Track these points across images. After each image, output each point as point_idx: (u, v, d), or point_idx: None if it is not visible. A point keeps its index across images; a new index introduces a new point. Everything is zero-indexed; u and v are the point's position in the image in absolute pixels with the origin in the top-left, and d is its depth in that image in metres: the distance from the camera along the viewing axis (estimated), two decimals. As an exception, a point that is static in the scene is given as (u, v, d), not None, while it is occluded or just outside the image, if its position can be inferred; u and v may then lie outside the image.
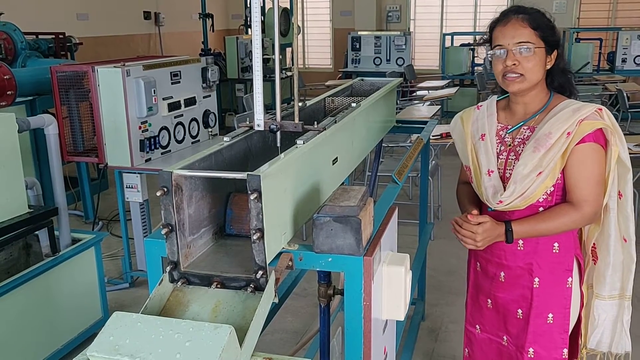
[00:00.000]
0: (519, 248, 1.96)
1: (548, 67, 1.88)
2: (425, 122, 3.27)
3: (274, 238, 1.35)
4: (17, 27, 5.86)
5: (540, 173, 1.82)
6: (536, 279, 1.95)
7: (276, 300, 1.37)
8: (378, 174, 3.46)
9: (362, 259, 1.39)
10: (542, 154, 1.81)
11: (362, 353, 1.45)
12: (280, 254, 1.43)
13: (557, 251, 1.94)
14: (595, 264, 2.04)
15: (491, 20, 1.93)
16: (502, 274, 2.02)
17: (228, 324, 1.14)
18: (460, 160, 2.12)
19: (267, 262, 1.30)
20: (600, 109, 1.84)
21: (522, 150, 1.89)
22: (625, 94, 7.26)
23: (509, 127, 1.97)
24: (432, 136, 4.40)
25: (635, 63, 9.37)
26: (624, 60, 9.41)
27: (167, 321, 1.17)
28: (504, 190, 1.89)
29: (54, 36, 6.64)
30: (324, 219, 1.38)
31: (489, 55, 1.91)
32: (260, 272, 1.29)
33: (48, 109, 4.85)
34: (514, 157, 1.92)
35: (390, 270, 1.57)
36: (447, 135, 5.00)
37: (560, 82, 1.95)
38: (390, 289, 1.57)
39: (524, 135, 1.93)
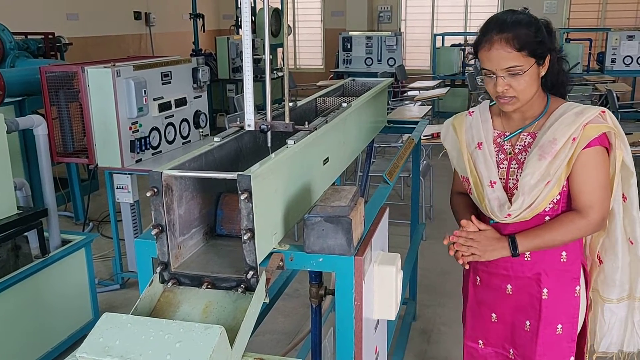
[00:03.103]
0: (526, 259, 1.89)
1: (543, 73, 1.80)
2: (416, 122, 3.28)
3: (264, 238, 1.34)
4: (5, 27, 5.82)
5: (548, 182, 1.75)
6: (545, 290, 1.89)
7: (267, 301, 1.37)
8: (369, 174, 3.46)
9: (353, 258, 1.39)
10: (548, 162, 1.74)
11: (354, 352, 1.45)
12: (271, 254, 1.42)
13: (565, 260, 1.88)
14: (599, 266, 1.99)
15: (474, 39, 1.81)
16: (509, 286, 1.94)
17: (219, 324, 1.14)
18: (451, 164, 2.06)
19: (258, 263, 1.30)
20: (604, 111, 1.78)
21: (524, 158, 1.82)
22: (615, 94, 7.29)
23: (507, 133, 1.89)
24: (424, 136, 4.41)
25: (624, 63, 9.42)
26: (613, 61, 9.46)
27: (157, 322, 1.16)
28: (509, 201, 1.81)
29: (43, 36, 6.60)
30: (315, 219, 1.38)
31: (478, 79, 1.85)
32: (251, 273, 1.29)
33: (37, 109, 4.82)
34: (516, 165, 1.85)
35: (381, 270, 1.57)
36: (439, 135, 5.00)
37: (553, 82, 1.87)
38: (381, 288, 1.57)
39: (525, 142, 1.86)
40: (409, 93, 8.79)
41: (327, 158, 1.85)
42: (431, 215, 5.44)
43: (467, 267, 1.96)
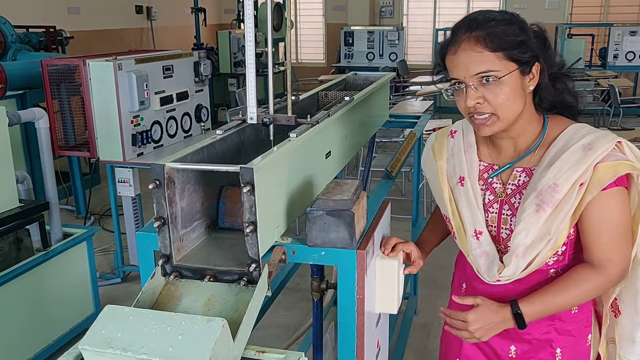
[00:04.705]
0: None
1: (531, 87, 1.41)
2: (418, 117, 3.28)
3: (267, 231, 1.34)
4: (7, 20, 5.81)
5: (549, 240, 1.40)
6: (558, 350, 1.54)
7: (269, 294, 1.36)
8: (371, 169, 3.46)
9: (356, 252, 1.39)
10: (548, 215, 1.37)
11: (356, 346, 1.45)
12: (273, 247, 1.42)
13: (576, 311, 1.54)
14: (616, 317, 1.60)
15: (440, 44, 1.46)
16: (513, 347, 1.57)
17: (221, 317, 1.14)
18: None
19: (260, 256, 1.30)
20: (620, 142, 1.38)
21: (518, 202, 1.45)
22: (617, 90, 7.28)
23: (495, 167, 1.51)
24: (425, 131, 4.41)
25: (627, 59, 9.40)
26: (615, 56, 9.45)
27: (159, 314, 1.16)
28: (501, 258, 1.47)
29: (44, 30, 6.59)
30: (317, 213, 1.38)
31: (445, 94, 1.45)
32: (253, 266, 1.29)
33: (39, 103, 4.82)
34: (510, 212, 1.47)
35: (384, 264, 1.56)
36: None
37: (553, 101, 1.47)
38: (383, 282, 1.57)
39: (519, 180, 1.47)
40: (411, 88, 8.78)
41: (330, 152, 1.84)
42: (432, 210, 5.43)
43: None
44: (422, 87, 8.44)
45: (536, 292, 1.45)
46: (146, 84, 3.79)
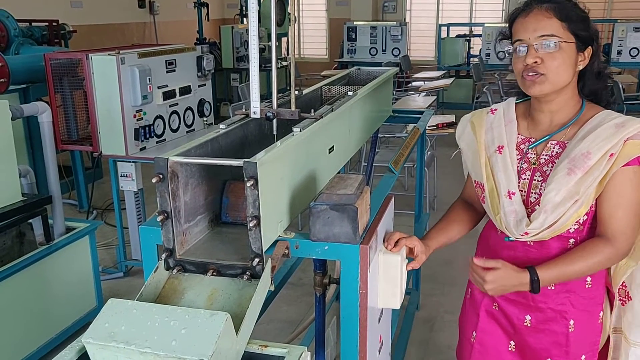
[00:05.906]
0: (549, 287, 1.66)
1: (580, 67, 1.59)
2: (421, 112, 3.27)
3: (270, 226, 1.34)
4: (10, 14, 5.80)
5: (576, 201, 1.53)
6: (571, 322, 1.66)
7: (272, 288, 1.37)
8: (374, 164, 3.45)
9: (359, 247, 1.39)
10: (578, 178, 1.52)
11: (358, 341, 1.45)
12: (276, 242, 1.42)
13: (590, 285, 1.67)
14: (624, 305, 1.70)
15: (511, 11, 1.64)
16: (528, 317, 1.71)
17: (224, 311, 1.14)
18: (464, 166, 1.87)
19: (264, 250, 1.30)
20: None
21: (550, 170, 1.61)
22: (620, 86, 7.27)
23: (532, 140, 1.67)
24: (428, 126, 4.40)
25: (630, 55, 9.36)
26: (619, 52, 9.41)
27: (162, 308, 1.16)
28: (528, 218, 1.60)
29: (47, 23, 6.58)
30: (321, 207, 1.38)
31: (507, 52, 1.62)
32: (257, 260, 1.29)
33: (42, 97, 4.81)
34: (541, 178, 1.62)
35: (387, 259, 1.56)
36: (443, 126, 5.00)
37: (593, 89, 1.64)
38: (386, 277, 1.57)
39: (552, 152, 1.63)
40: (414, 83, 8.77)
41: (333, 146, 1.84)
42: (435, 205, 5.43)
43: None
44: (425, 82, 8.43)
45: (552, 260, 1.58)
46: (149, 79, 3.79)
